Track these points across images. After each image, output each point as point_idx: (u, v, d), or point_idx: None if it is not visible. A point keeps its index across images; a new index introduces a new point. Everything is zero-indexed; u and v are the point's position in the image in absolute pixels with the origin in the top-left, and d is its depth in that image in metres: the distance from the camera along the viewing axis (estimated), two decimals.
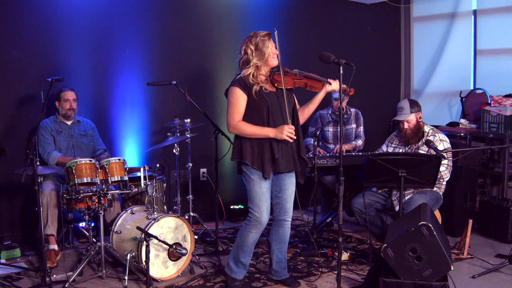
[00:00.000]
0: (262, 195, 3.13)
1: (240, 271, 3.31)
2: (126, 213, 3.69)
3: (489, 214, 4.50)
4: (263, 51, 3.09)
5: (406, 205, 3.71)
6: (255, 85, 3.09)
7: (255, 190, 3.13)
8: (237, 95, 3.10)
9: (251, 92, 3.09)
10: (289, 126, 3.07)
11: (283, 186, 3.27)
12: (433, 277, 2.89)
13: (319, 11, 5.81)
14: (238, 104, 3.10)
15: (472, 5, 5.71)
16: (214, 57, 5.12)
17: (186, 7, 5.03)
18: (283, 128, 3.06)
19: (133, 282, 3.43)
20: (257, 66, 3.10)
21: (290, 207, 3.32)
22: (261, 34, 3.11)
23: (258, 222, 3.15)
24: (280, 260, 3.40)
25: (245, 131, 3.10)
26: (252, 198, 3.15)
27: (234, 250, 3.29)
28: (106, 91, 4.72)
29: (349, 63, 2.95)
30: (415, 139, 3.91)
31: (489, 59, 5.60)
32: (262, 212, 3.13)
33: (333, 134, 4.76)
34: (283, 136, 3.05)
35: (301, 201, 3.36)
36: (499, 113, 4.82)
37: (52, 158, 3.93)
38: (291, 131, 3.06)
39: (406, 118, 3.87)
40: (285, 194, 3.29)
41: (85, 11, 4.49)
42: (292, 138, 3.08)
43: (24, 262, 3.80)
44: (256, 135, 3.09)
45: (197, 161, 4.83)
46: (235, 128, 3.11)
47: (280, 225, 3.34)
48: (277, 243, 3.36)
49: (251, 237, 3.20)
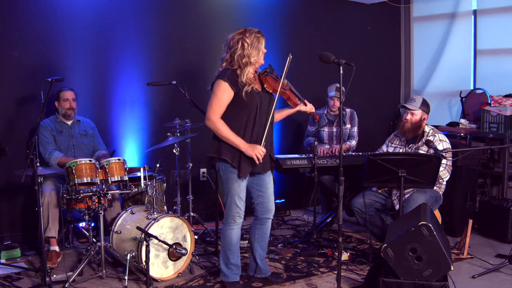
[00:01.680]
0: (240, 192, 3.17)
1: (233, 273, 3.31)
2: (126, 213, 3.69)
3: (489, 214, 4.50)
4: (258, 48, 3.07)
5: (406, 203, 3.72)
6: (247, 85, 3.07)
7: (234, 187, 3.15)
8: (224, 90, 3.05)
9: (241, 91, 3.06)
10: (262, 148, 3.08)
11: (264, 185, 3.30)
12: (433, 277, 2.89)
13: (319, 11, 5.81)
14: (223, 99, 3.07)
15: (472, 5, 5.71)
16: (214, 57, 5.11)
17: (186, 7, 5.03)
18: (256, 148, 3.07)
19: (133, 282, 3.43)
20: (251, 63, 3.07)
21: (272, 206, 3.36)
22: (255, 31, 3.09)
23: (238, 216, 3.19)
24: (263, 257, 3.45)
25: (220, 132, 3.08)
26: (231, 195, 3.16)
27: (223, 254, 3.29)
28: (106, 91, 4.72)
29: (349, 63, 2.95)
30: (411, 134, 3.91)
31: (489, 59, 5.60)
32: (241, 207, 3.18)
33: (328, 134, 4.76)
34: (252, 155, 3.06)
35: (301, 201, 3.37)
36: (499, 113, 4.82)
37: (54, 158, 3.93)
38: (262, 154, 3.08)
39: (413, 109, 3.87)
40: (267, 193, 3.32)
41: (85, 11, 4.49)
42: (259, 160, 3.09)
43: (24, 262, 3.80)
44: (229, 141, 3.09)
45: (197, 161, 4.83)
46: (213, 123, 3.09)
47: (263, 223, 3.36)
48: (259, 241, 3.39)
49: (234, 234, 3.22)
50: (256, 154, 3.06)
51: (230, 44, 3.10)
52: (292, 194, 5.51)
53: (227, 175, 3.16)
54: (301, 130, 5.35)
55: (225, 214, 3.24)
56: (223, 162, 3.14)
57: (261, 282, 3.44)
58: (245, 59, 3.06)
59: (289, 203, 5.48)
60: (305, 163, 4.21)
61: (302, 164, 4.20)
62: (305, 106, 3.32)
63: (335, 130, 4.73)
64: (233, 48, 3.08)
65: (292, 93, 3.29)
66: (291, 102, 3.29)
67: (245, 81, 3.07)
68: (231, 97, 3.08)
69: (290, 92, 3.28)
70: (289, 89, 3.28)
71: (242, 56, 3.06)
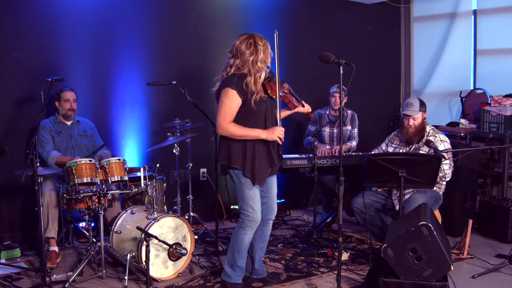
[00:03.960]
0: (255, 196, 3.14)
1: (237, 275, 3.29)
2: (126, 213, 3.69)
3: (489, 214, 4.50)
4: (267, 55, 3.05)
5: (406, 204, 3.72)
6: (255, 94, 3.02)
7: (248, 192, 3.12)
8: (232, 98, 3.00)
9: (249, 99, 3.01)
10: (280, 128, 3.06)
11: (269, 186, 3.30)
12: (433, 277, 2.89)
13: (319, 11, 5.81)
14: (232, 107, 3.02)
15: (472, 5, 5.71)
16: (214, 57, 5.12)
17: (186, 7, 5.03)
18: (275, 129, 3.05)
19: (133, 282, 3.43)
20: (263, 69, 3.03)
21: (275, 206, 3.37)
22: (264, 38, 3.05)
23: (253, 221, 3.16)
24: (261, 259, 3.46)
25: (236, 133, 3.03)
26: (246, 199, 3.13)
27: (231, 255, 3.26)
28: (106, 91, 4.72)
29: (349, 63, 2.95)
30: (417, 138, 3.91)
31: (489, 59, 5.60)
32: (256, 211, 3.15)
33: (329, 134, 4.77)
34: (274, 137, 3.05)
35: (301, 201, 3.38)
36: (499, 113, 4.82)
37: (51, 157, 3.93)
38: (282, 132, 3.06)
39: (414, 114, 3.86)
40: (272, 194, 3.32)
41: (85, 11, 4.49)
42: (282, 140, 3.08)
43: (24, 262, 3.80)
44: (248, 136, 3.04)
45: (197, 161, 4.83)
46: (225, 130, 3.03)
47: (266, 224, 3.35)
48: (260, 242, 3.39)
49: (247, 238, 3.20)
50: (277, 135, 3.05)
51: (241, 49, 3.00)
52: (292, 194, 5.51)
53: (239, 180, 3.14)
54: (301, 130, 5.35)
55: (240, 218, 3.19)
56: (234, 169, 3.12)
57: (261, 282, 3.44)
58: (259, 65, 3.01)
59: (289, 203, 5.48)
60: (305, 163, 4.21)
61: (302, 164, 4.21)
62: (302, 107, 3.32)
63: (336, 131, 4.74)
64: (245, 53, 3.00)
65: (292, 96, 3.30)
66: (291, 105, 3.30)
67: (255, 90, 3.02)
68: (239, 105, 3.03)
69: (290, 95, 3.29)
70: (290, 92, 3.29)
71: (255, 62, 3.00)
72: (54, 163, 3.90)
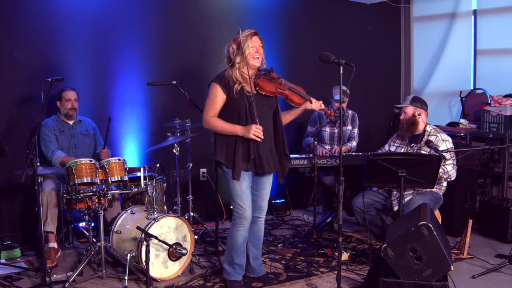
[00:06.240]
0: (243, 193, 3.18)
1: (237, 272, 3.32)
2: (126, 213, 3.69)
3: (489, 214, 4.50)
4: (244, 50, 3.08)
5: (406, 207, 3.70)
6: (237, 83, 3.10)
7: (236, 188, 3.17)
8: (216, 92, 3.13)
9: (232, 91, 3.10)
10: (256, 126, 3.04)
11: (260, 185, 3.32)
12: (433, 277, 2.89)
13: (319, 11, 5.81)
14: (215, 101, 3.14)
15: (472, 5, 5.71)
16: (214, 57, 5.11)
17: (186, 7, 5.03)
18: (251, 127, 3.04)
19: (133, 282, 3.43)
20: (239, 65, 3.10)
21: (265, 205, 3.38)
22: (244, 33, 3.11)
23: (243, 218, 3.20)
24: (256, 257, 3.46)
25: (215, 127, 3.14)
26: (235, 196, 3.20)
27: (227, 253, 3.32)
28: (106, 91, 4.72)
29: (349, 63, 2.95)
30: (409, 132, 3.91)
31: (489, 59, 5.60)
32: (246, 207, 3.19)
33: (329, 134, 4.76)
34: (250, 135, 3.04)
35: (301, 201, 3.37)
36: (499, 113, 4.82)
37: (56, 157, 3.93)
38: (258, 131, 3.03)
39: (403, 106, 3.90)
40: (262, 193, 3.34)
41: (85, 11, 4.50)
42: (260, 138, 3.05)
43: (24, 262, 3.80)
44: (225, 131, 3.13)
45: (197, 161, 4.83)
46: (207, 122, 3.16)
47: (254, 222, 3.37)
48: (251, 240, 3.40)
49: (240, 235, 3.24)
50: (253, 133, 3.03)
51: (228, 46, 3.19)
52: (292, 194, 5.51)
53: (226, 176, 3.21)
54: (302, 130, 5.35)
55: (233, 215, 3.25)
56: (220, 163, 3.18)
57: (260, 282, 3.44)
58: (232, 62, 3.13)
59: (289, 203, 5.49)
60: (305, 163, 4.21)
61: (302, 164, 4.21)
62: (310, 104, 3.22)
63: (336, 131, 4.74)
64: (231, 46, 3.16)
65: (292, 92, 3.23)
66: (292, 102, 3.23)
67: (235, 80, 3.11)
68: (224, 99, 3.14)
69: (290, 91, 3.22)
70: (288, 89, 3.23)
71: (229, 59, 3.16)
72: (59, 163, 3.91)
